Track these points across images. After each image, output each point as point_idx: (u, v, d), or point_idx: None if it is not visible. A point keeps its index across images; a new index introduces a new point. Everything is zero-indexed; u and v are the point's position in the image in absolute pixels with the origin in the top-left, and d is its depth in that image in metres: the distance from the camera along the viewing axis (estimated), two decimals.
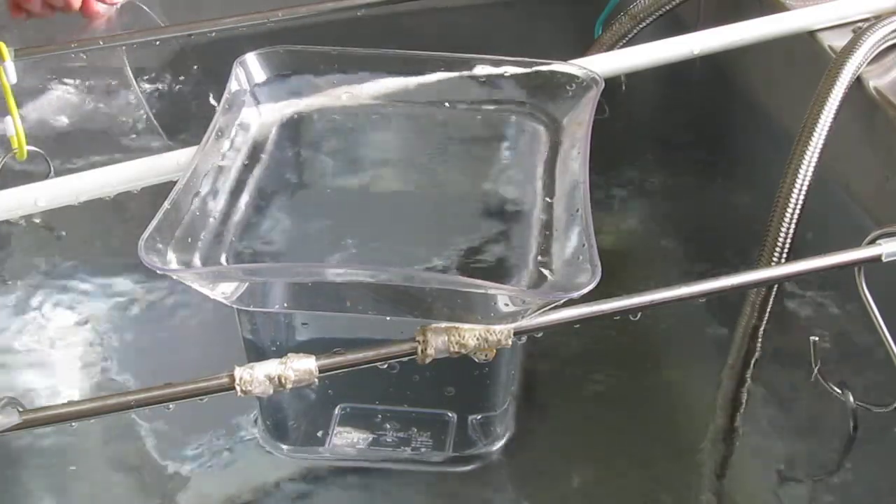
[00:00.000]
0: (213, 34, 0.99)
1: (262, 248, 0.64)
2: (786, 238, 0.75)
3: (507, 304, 0.57)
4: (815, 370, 0.71)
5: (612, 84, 0.85)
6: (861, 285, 0.66)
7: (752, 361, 0.76)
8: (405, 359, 0.59)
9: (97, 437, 0.73)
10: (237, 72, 0.73)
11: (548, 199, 0.66)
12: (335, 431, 0.70)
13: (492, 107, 0.75)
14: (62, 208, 0.75)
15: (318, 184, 0.71)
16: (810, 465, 0.71)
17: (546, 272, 0.60)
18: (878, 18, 0.86)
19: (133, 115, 1.00)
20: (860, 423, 0.70)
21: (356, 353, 0.59)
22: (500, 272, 0.61)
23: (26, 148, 0.88)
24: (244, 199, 0.67)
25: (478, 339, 0.58)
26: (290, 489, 0.70)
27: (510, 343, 0.59)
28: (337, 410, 0.71)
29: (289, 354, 0.58)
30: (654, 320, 0.80)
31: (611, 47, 1.00)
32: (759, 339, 0.76)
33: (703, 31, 0.87)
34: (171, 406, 0.59)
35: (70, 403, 0.59)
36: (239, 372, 0.58)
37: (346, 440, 0.70)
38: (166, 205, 0.61)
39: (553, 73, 0.74)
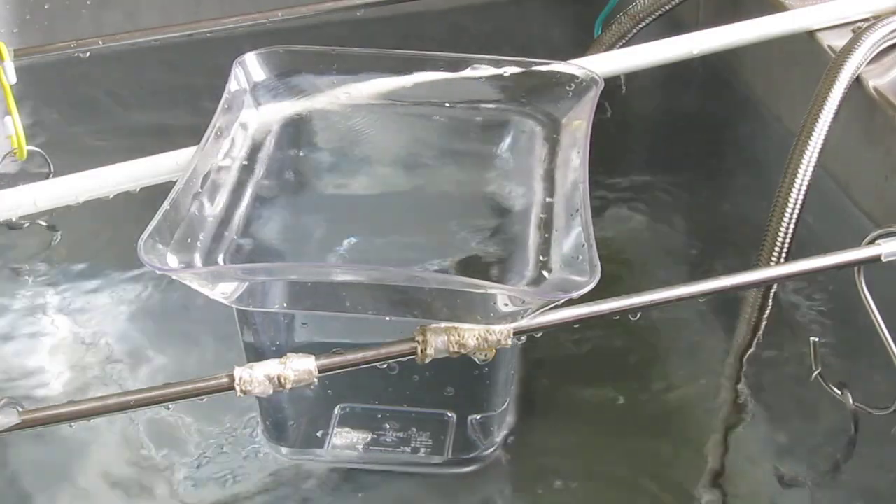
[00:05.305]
0: (213, 34, 0.99)
1: (261, 248, 0.64)
2: (785, 238, 0.75)
3: (506, 304, 0.57)
4: (816, 371, 0.71)
5: (612, 84, 0.85)
6: (861, 285, 0.66)
7: (752, 362, 0.76)
8: (405, 359, 0.59)
9: (96, 435, 0.74)
10: (237, 72, 0.73)
11: (548, 198, 0.66)
12: (335, 431, 0.70)
13: (492, 107, 0.75)
14: (62, 208, 0.75)
15: (318, 184, 0.71)
16: (810, 468, 0.71)
17: (546, 272, 0.60)
18: (878, 18, 0.86)
19: None
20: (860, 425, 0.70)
21: (356, 353, 0.59)
22: (499, 272, 0.61)
23: (26, 148, 0.88)
24: (244, 199, 0.67)
25: (477, 339, 0.58)
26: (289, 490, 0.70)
27: (510, 343, 0.59)
28: (337, 410, 0.71)
29: (288, 354, 0.58)
30: (653, 321, 0.79)
31: (610, 47, 1.00)
32: (758, 340, 0.76)
33: (703, 31, 0.87)
34: (170, 406, 0.59)
35: (70, 403, 0.59)
36: (238, 372, 0.58)
37: (346, 440, 0.70)
38: (166, 205, 0.61)
39: (553, 73, 0.74)
